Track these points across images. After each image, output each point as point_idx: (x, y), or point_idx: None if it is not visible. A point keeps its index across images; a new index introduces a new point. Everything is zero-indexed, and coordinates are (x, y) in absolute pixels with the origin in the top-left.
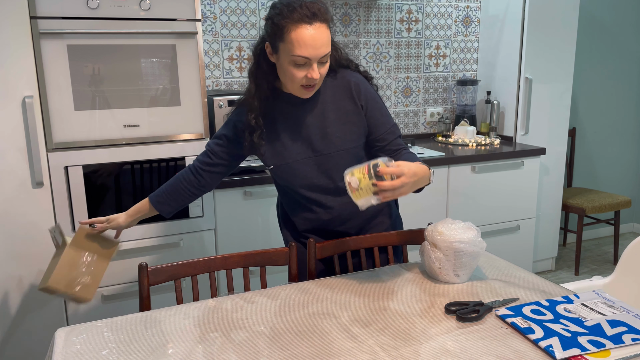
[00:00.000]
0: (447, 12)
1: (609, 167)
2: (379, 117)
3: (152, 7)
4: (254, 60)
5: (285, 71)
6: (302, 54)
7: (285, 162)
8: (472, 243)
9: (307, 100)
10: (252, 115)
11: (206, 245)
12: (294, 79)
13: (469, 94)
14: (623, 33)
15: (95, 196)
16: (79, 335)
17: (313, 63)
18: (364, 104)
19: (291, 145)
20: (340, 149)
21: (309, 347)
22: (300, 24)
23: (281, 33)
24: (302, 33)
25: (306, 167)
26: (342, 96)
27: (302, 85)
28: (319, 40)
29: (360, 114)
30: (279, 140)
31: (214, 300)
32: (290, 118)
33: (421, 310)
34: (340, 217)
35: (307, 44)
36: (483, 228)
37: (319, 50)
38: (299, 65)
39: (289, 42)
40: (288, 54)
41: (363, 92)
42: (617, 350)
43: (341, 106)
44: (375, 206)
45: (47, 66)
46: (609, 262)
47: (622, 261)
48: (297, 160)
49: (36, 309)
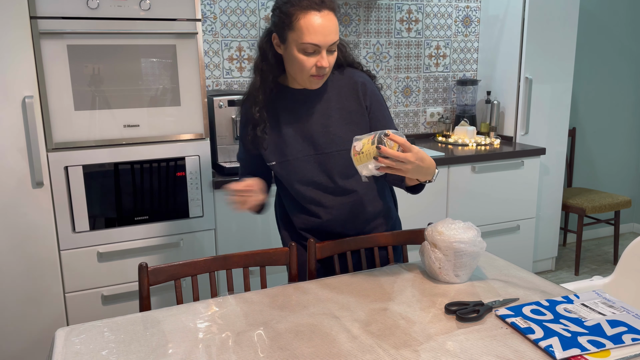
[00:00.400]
0: (447, 12)
1: (609, 167)
2: (381, 119)
3: (152, 7)
4: (260, 52)
5: (294, 60)
6: (312, 41)
7: (286, 158)
8: (472, 243)
9: (311, 97)
10: (256, 109)
11: (206, 245)
12: (304, 68)
13: (469, 94)
14: (623, 33)
15: (95, 196)
16: (79, 335)
17: (322, 51)
18: (369, 105)
19: (293, 142)
20: (341, 149)
21: (309, 347)
22: (309, 11)
23: (290, 21)
24: (311, 20)
25: (307, 165)
26: (347, 95)
27: (311, 75)
28: (327, 27)
29: (364, 114)
30: (281, 136)
31: (214, 300)
32: (293, 115)
33: (421, 310)
34: (339, 217)
35: (316, 30)
36: (483, 228)
37: (328, 38)
38: (309, 54)
39: (298, 29)
40: (297, 42)
41: (369, 93)
42: (617, 350)
43: (345, 106)
44: (374, 208)
45: (47, 66)
46: (609, 262)
47: (622, 261)
48: (298, 158)
49: (36, 309)
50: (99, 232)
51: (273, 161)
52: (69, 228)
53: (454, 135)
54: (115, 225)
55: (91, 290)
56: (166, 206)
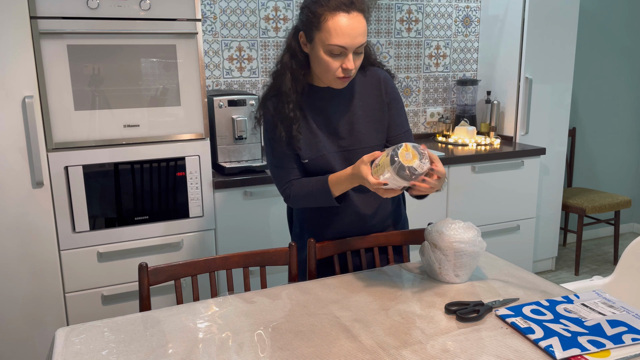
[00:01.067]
0: (447, 12)
1: (609, 167)
2: (397, 117)
3: (152, 7)
4: (289, 52)
5: (320, 61)
6: (339, 43)
7: (320, 154)
8: (472, 243)
9: (336, 95)
10: (290, 107)
11: (206, 245)
12: (329, 69)
13: (469, 94)
14: (623, 33)
15: (95, 196)
16: (79, 335)
17: (349, 53)
18: (389, 101)
19: (321, 139)
20: (365, 146)
21: (309, 347)
22: (338, 12)
23: (317, 21)
24: (339, 21)
25: (335, 161)
26: (370, 92)
27: (337, 76)
28: (356, 29)
29: (384, 110)
30: (311, 132)
31: (214, 300)
32: (319, 112)
33: (421, 310)
34: (369, 210)
35: (344, 32)
36: (483, 228)
37: (356, 40)
38: (335, 55)
39: (325, 30)
40: (324, 43)
41: (390, 89)
42: (617, 350)
43: (369, 103)
44: (390, 206)
45: (47, 66)
46: (609, 262)
47: (622, 261)
48: (324, 155)
49: (36, 309)
50: (99, 232)
51: (307, 159)
52: (69, 228)
53: (454, 135)
54: (115, 225)
55: (91, 290)
56: (166, 206)
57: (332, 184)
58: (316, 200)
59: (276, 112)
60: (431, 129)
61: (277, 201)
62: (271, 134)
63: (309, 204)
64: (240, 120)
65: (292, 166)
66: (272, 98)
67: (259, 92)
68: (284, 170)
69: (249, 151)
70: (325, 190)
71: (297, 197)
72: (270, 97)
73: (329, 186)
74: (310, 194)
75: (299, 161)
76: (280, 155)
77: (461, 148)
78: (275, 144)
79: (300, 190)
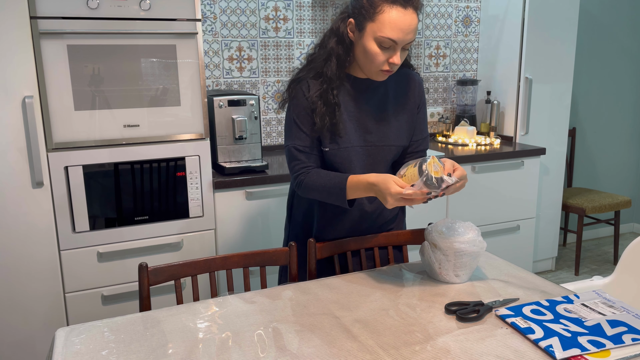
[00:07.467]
0: (447, 12)
1: (609, 167)
2: (421, 122)
3: (152, 7)
4: (336, 37)
5: (367, 52)
6: (392, 36)
7: (344, 145)
8: (472, 243)
9: (370, 88)
10: (335, 92)
11: (206, 245)
12: (375, 61)
13: (469, 94)
14: (623, 33)
15: (95, 196)
16: (79, 335)
17: (398, 48)
18: (419, 105)
19: (348, 130)
20: (391, 144)
21: (309, 347)
22: (395, 6)
23: (373, 11)
24: (395, 15)
25: (357, 155)
26: (404, 91)
27: (381, 69)
28: (409, 25)
29: (414, 112)
30: (340, 123)
31: (214, 300)
32: (351, 103)
33: (421, 310)
34: (375, 212)
35: (398, 27)
36: (483, 228)
37: (408, 36)
38: (384, 48)
39: (379, 21)
40: (375, 34)
41: (422, 94)
42: (617, 350)
43: (401, 102)
44: (392, 210)
45: (47, 66)
46: (609, 262)
47: (622, 261)
48: (347, 147)
49: (36, 309)
50: (99, 232)
51: (328, 148)
52: (69, 228)
53: (454, 135)
54: (115, 225)
55: (91, 290)
56: (166, 206)
57: (349, 186)
58: (329, 196)
59: (318, 95)
60: (431, 129)
61: (277, 201)
62: (301, 116)
63: (319, 197)
64: (240, 120)
65: (314, 152)
66: (310, 80)
67: (259, 92)
68: (303, 154)
69: (249, 151)
70: (341, 190)
71: (309, 186)
72: (308, 79)
73: (346, 187)
74: (325, 188)
75: (319, 148)
76: (303, 138)
77: (461, 148)
78: (303, 126)
79: (316, 180)
